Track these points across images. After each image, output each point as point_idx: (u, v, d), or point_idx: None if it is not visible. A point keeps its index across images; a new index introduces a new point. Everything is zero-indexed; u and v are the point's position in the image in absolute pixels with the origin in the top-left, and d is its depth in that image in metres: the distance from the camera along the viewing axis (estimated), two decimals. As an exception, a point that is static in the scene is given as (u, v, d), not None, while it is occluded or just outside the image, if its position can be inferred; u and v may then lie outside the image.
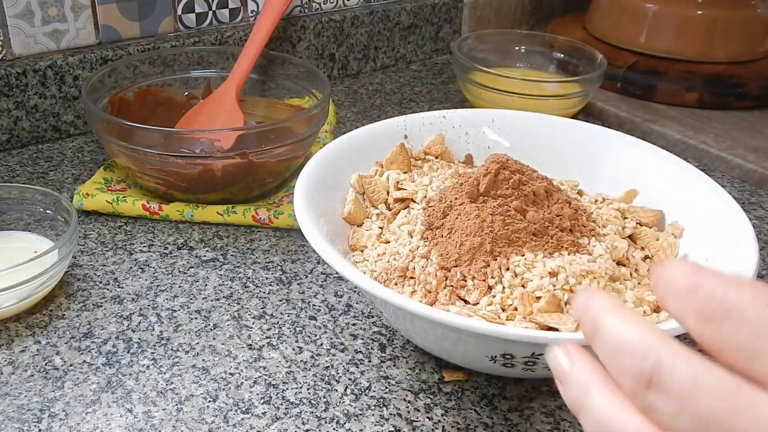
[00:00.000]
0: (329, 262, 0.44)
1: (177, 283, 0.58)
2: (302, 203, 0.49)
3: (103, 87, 0.72)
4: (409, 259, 0.49)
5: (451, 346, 0.45)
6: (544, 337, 0.39)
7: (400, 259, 0.50)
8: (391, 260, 0.50)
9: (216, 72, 0.79)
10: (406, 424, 0.46)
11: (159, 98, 0.76)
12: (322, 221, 0.50)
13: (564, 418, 0.47)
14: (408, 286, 0.48)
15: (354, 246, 0.53)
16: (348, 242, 0.53)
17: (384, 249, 0.51)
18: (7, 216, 0.61)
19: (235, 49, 0.79)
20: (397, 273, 0.49)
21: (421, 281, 0.48)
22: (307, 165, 0.54)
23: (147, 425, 0.45)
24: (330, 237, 0.49)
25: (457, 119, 0.63)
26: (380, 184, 0.57)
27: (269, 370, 0.50)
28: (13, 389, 0.48)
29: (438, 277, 0.47)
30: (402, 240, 0.51)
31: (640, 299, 0.48)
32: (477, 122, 0.63)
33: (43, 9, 0.76)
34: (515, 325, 0.44)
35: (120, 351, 0.51)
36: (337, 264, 0.44)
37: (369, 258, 0.52)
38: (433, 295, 0.47)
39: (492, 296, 0.46)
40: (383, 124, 0.61)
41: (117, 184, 0.67)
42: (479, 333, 0.40)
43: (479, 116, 0.64)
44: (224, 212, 0.64)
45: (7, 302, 0.52)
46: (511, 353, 0.42)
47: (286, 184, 0.69)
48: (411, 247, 0.50)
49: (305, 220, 0.47)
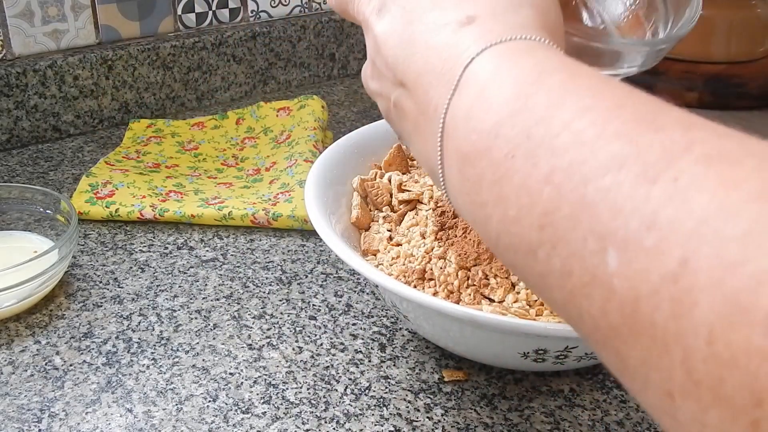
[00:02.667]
0: (368, 276, 0.43)
1: (177, 283, 0.58)
2: (316, 212, 0.49)
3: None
4: (425, 261, 0.49)
5: (479, 345, 0.45)
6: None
7: (415, 261, 0.50)
8: (407, 263, 0.50)
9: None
10: (406, 424, 0.46)
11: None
12: (337, 228, 0.50)
13: (564, 418, 0.47)
14: (429, 288, 0.48)
15: (367, 250, 0.53)
16: (360, 247, 0.53)
17: (397, 252, 0.51)
18: (7, 216, 0.61)
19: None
20: (415, 275, 0.49)
21: (441, 282, 0.48)
22: (312, 171, 0.54)
23: (147, 425, 0.45)
24: (346, 244, 0.49)
25: None
26: (383, 186, 0.57)
27: (269, 370, 0.50)
28: (13, 389, 0.48)
29: (459, 277, 0.47)
30: (415, 242, 0.51)
31: None
32: None
33: (43, 9, 0.76)
34: (546, 320, 0.44)
35: (120, 351, 0.51)
36: (377, 277, 0.43)
37: (383, 262, 0.51)
38: (456, 295, 0.47)
39: (516, 293, 0.46)
40: (377, 126, 0.61)
41: (104, 188, 0.67)
42: (521, 332, 0.40)
43: None
44: (222, 219, 0.64)
45: (7, 302, 0.52)
46: (545, 348, 0.43)
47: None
48: (426, 249, 0.50)
49: (326, 231, 0.47)
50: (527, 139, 0.25)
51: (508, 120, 0.26)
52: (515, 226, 0.25)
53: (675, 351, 0.20)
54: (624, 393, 0.49)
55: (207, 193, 0.68)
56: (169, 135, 0.79)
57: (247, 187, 0.70)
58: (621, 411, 0.47)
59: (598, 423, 0.46)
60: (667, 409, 0.21)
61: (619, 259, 0.21)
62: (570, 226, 0.23)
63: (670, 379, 0.20)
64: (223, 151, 0.78)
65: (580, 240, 0.23)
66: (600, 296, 0.22)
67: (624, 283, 0.21)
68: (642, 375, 0.22)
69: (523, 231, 0.25)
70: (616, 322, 0.22)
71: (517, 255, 0.26)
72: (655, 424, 0.46)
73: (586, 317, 0.23)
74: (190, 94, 0.87)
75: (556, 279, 0.24)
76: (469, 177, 0.28)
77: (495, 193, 0.26)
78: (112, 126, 0.83)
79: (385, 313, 0.55)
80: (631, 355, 0.22)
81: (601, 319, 0.22)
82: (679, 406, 0.20)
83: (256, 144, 0.78)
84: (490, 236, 0.27)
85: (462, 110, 0.28)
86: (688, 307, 0.19)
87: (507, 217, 0.26)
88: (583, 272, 0.23)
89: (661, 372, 0.21)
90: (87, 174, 0.69)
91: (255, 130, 0.80)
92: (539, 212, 0.24)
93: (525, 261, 0.26)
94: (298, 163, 0.70)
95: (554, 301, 0.25)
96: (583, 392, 0.49)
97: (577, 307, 0.23)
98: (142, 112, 0.85)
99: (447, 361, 0.51)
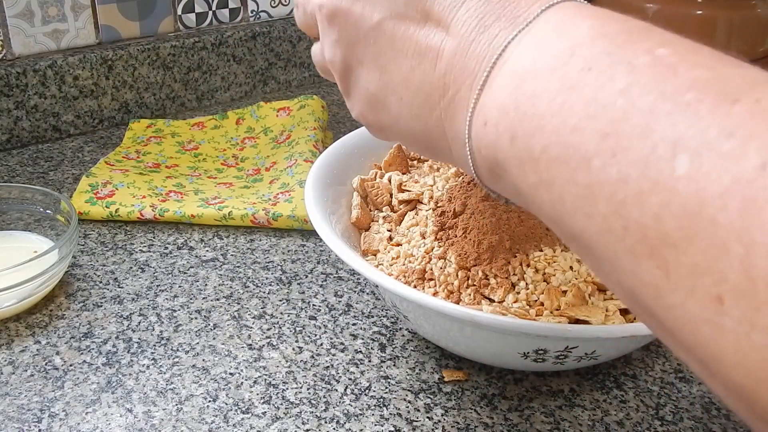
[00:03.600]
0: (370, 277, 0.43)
1: (177, 283, 0.58)
2: (316, 212, 0.49)
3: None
4: (425, 261, 0.49)
5: (479, 345, 0.45)
6: (593, 331, 0.40)
7: (415, 261, 0.50)
8: (407, 263, 0.50)
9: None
10: (406, 424, 0.46)
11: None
12: (337, 228, 0.50)
13: (564, 418, 0.47)
14: (429, 288, 0.48)
15: (367, 250, 0.53)
16: (360, 247, 0.53)
17: (397, 252, 0.51)
18: (7, 216, 0.61)
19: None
20: (415, 275, 0.49)
21: (441, 282, 0.48)
22: (312, 171, 0.54)
23: (147, 425, 0.45)
24: (346, 244, 0.49)
25: None
26: (383, 186, 0.57)
27: (269, 370, 0.50)
28: (13, 389, 0.48)
29: (459, 277, 0.47)
30: (415, 242, 0.51)
31: None
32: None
33: (43, 9, 0.76)
34: (546, 320, 0.44)
35: (120, 351, 0.51)
36: (377, 277, 0.43)
37: (383, 262, 0.51)
38: (456, 295, 0.47)
39: (516, 293, 0.46)
40: None
41: (104, 188, 0.67)
42: (521, 332, 0.40)
43: None
44: (222, 219, 0.64)
45: (7, 302, 0.52)
46: (545, 348, 0.43)
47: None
48: (426, 249, 0.50)
49: (326, 231, 0.47)
50: (606, 56, 0.26)
51: (587, 41, 0.27)
52: (573, 136, 0.26)
53: (735, 249, 0.20)
54: (624, 393, 0.49)
55: (207, 193, 0.68)
56: (169, 135, 0.79)
57: (247, 187, 0.70)
58: (621, 411, 0.47)
59: (598, 423, 0.46)
60: (711, 315, 0.21)
61: (690, 164, 0.22)
62: (639, 134, 0.24)
63: (723, 281, 0.21)
64: (223, 151, 0.78)
65: (649, 147, 0.23)
66: (658, 202, 0.23)
67: (690, 186, 0.22)
68: (688, 283, 0.22)
69: (581, 140, 0.25)
70: (670, 228, 0.22)
71: (564, 167, 0.26)
72: (655, 424, 0.46)
73: (632, 228, 0.23)
74: (190, 94, 0.87)
75: (607, 188, 0.24)
76: (525, 92, 0.28)
77: (557, 103, 0.27)
78: (112, 126, 0.83)
79: (385, 313, 0.55)
80: (680, 263, 0.22)
81: (652, 227, 0.23)
82: (728, 309, 0.21)
83: (256, 144, 0.78)
84: (533, 149, 0.27)
85: (527, 44, 0.29)
86: (761, 205, 0.20)
87: (565, 126, 0.26)
88: (642, 179, 0.23)
89: (714, 275, 0.21)
90: (87, 174, 0.69)
91: (255, 130, 0.80)
92: (606, 120, 0.25)
93: (572, 173, 0.26)
94: (298, 163, 0.70)
95: (593, 216, 0.25)
96: (583, 392, 0.49)
97: (624, 217, 0.24)
98: (142, 112, 0.85)
99: (447, 361, 0.51)
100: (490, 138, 0.30)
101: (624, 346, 0.46)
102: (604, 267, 0.26)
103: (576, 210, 0.26)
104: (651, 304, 0.24)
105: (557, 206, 0.27)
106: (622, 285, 0.25)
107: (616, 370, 0.51)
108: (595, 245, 0.25)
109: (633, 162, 0.23)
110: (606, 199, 0.24)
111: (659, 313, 0.24)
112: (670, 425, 0.46)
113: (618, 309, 0.45)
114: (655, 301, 0.23)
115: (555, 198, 0.27)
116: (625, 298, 0.26)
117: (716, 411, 0.47)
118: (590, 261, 0.27)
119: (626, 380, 0.50)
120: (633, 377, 0.50)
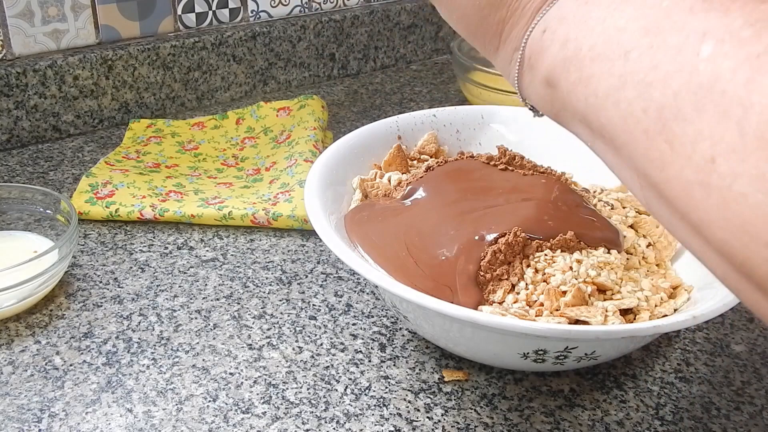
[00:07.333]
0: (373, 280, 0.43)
1: (177, 283, 0.58)
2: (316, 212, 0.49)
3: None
4: None
5: (479, 345, 0.45)
6: (593, 331, 0.40)
7: None
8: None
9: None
10: (406, 423, 0.46)
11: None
12: (338, 233, 0.50)
13: (564, 418, 0.47)
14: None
15: None
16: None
17: None
18: (7, 216, 0.61)
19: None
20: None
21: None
22: (312, 171, 0.53)
23: (147, 425, 0.45)
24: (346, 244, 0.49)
25: (447, 117, 0.63)
26: (383, 186, 0.57)
27: (269, 370, 0.50)
28: (13, 389, 0.48)
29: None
30: None
31: (656, 286, 0.48)
32: (467, 119, 0.63)
33: (43, 9, 0.76)
34: (546, 320, 0.44)
35: (120, 351, 0.51)
36: (376, 277, 0.43)
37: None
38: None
39: (516, 293, 0.46)
40: (377, 125, 0.61)
41: (104, 188, 0.67)
42: (521, 332, 0.40)
43: (469, 113, 0.64)
44: (222, 219, 0.64)
45: (7, 302, 0.52)
46: (545, 349, 0.43)
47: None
48: None
49: (326, 231, 0.46)
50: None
51: None
52: (618, 33, 0.29)
53: (734, 112, 0.24)
54: (624, 393, 0.49)
55: (207, 193, 0.68)
56: (169, 135, 0.79)
57: (247, 186, 0.70)
58: (621, 411, 0.47)
59: (598, 423, 0.46)
60: (703, 177, 0.25)
61: (713, 48, 0.25)
62: (676, 28, 0.27)
63: (719, 142, 0.24)
64: (223, 151, 0.78)
65: (683, 37, 0.27)
66: (679, 81, 0.26)
67: (709, 66, 0.25)
68: (688, 150, 0.25)
69: (624, 36, 0.29)
70: (685, 102, 0.25)
71: (604, 61, 0.30)
72: (655, 424, 0.46)
73: (651, 109, 0.27)
74: (190, 94, 0.87)
75: (638, 76, 0.28)
76: (588, 1, 0.32)
77: (610, 9, 0.30)
78: (112, 126, 0.83)
79: (385, 313, 0.55)
80: (685, 132, 0.25)
81: (669, 104, 0.26)
82: (718, 166, 0.24)
83: (256, 144, 0.78)
84: (581, 47, 0.31)
85: None
86: (763, 74, 0.23)
87: (614, 27, 0.30)
88: (670, 63, 0.27)
89: (713, 138, 0.24)
90: (87, 174, 0.69)
91: (255, 130, 0.80)
92: (651, 19, 0.28)
93: (611, 65, 0.29)
94: (298, 163, 0.70)
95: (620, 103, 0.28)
96: (583, 392, 0.49)
97: (647, 99, 0.27)
98: (142, 112, 0.85)
99: (447, 361, 0.51)
100: (546, 44, 0.34)
101: (624, 346, 0.46)
102: (623, 153, 0.29)
103: (607, 98, 0.29)
104: (656, 178, 0.27)
105: (590, 99, 0.30)
106: (637, 166, 0.28)
107: (616, 370, 0.51)
108: (619, 133, 0.29)
109: (667, 50, 0.27)
110: (635, 85, 0.28)
111: (661, 185, 0.27)
112: (670, 425, 0.46)
113: (618, 309, 0.45)
114: (660, 173, 0.27)
115: (590, 91, 0.30)
116: (637, 179, 0.29)
117: (716, 411, 0.48)
118: (611, 152, 0.30)
119: (626, 380, 0.50)
120: (633, 377, 0.50)
